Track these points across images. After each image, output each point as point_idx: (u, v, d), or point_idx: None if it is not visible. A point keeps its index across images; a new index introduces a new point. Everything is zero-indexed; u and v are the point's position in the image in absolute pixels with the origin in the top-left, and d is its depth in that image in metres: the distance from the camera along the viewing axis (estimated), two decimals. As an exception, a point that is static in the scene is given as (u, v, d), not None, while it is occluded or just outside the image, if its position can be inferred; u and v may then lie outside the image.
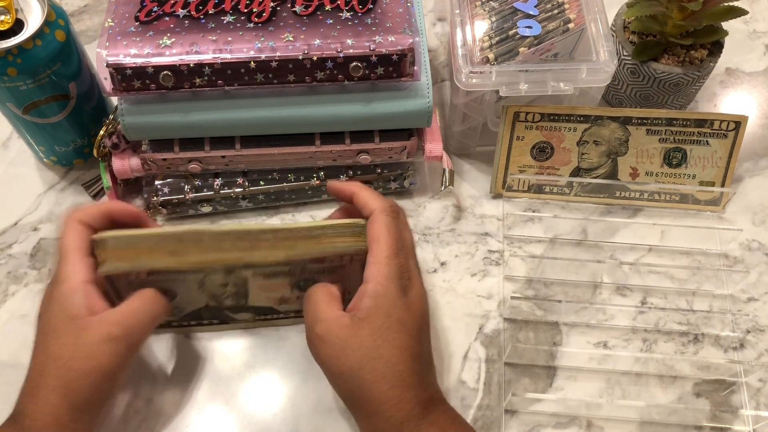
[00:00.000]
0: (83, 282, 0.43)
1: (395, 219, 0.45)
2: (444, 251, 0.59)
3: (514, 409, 0.51)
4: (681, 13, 0.57)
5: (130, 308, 0.44)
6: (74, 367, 0.42)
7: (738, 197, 0.62)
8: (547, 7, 0.57)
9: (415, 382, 0.42)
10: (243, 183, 0.58)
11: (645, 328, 0.55)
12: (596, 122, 0.58)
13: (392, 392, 0.42)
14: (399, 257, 0.44)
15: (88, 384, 0.42)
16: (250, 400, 0.51)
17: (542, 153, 0.60)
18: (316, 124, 0.54)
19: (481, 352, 0.54)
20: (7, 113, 0.55)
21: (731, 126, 0.58)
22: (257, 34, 0.50)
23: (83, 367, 0.42)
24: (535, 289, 0.57)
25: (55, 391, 0.42)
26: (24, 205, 0.61)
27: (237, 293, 0.48)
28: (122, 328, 0.43)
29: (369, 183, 0.59)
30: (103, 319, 0.43)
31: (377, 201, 0.46)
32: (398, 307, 0.43)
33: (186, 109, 0.52)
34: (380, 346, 0.42)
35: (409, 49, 0.50)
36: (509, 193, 0.61)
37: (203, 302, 0.49)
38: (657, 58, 0.60)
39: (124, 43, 0.49)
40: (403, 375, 0.42)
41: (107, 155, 0.56)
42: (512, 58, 0.55)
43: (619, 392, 0.53)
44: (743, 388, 0.53)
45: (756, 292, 0.57)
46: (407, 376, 0.42)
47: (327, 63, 0.50)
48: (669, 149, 0.60)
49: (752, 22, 0.74)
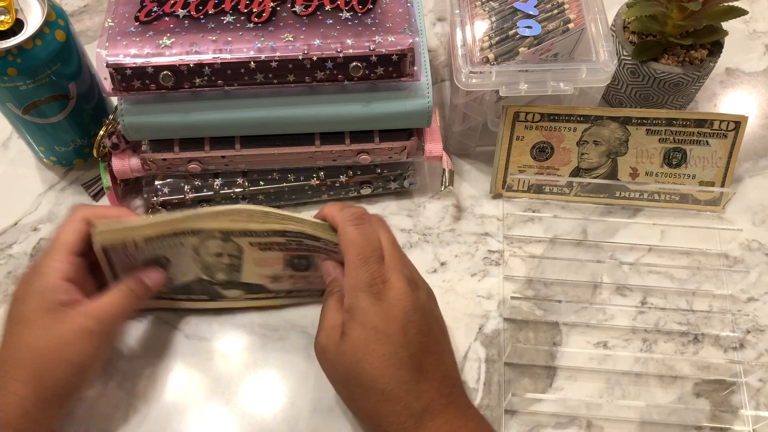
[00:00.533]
0: (63, 280, 0.44)
1: (360, 226, 0.45)
2: (444, 251, 0.59)
3: (514, 409, 0.51)
4: (681, 13, 0.57)
5: (107, 302, 0.45)
6: (47, 358, 0.42)
7: (738, 197, 0.62)
8: (547, 7, 0.57)
9: (402, 393, 0.41)
10: (243, 183, 0.58)
11: (645, 328, 0.55)
12: (596, 122, 0.58)
13: (381, 406, 0.41)
14: (367, 265, 0.43)
15: (60, 375, 0.42)
16: (250, 400, 0.51)
17: (542, 153, 0.60)
18: (316, 124, 0.54)
19: (481, 352, 0.54)
20: (7, 113, 0.55)
21: (731, 126, 0.58)
22: (257, 34, 0.50)
23: (56, 358, 0.42)
24: (535, 289, 0.57)
25: (26, 382, 0.42)
26: (24, 205, 0.61)
27: (231, 266, 0.49)
28: (97, 322, 0.44)
29: (369, 183, 0.59)
30: (79, 312, 0.43)
31: (340, 214, 0.45)
32: (372, 315, 0.42)
33: (186, 109, 0.52)
34: (361, 360, 0.41)
35: (409, 49, 0.50)
36: (509, 193, 0.61)
37: (196, 274, 0.49)
38: (657, 58, 0.60)
39: (124, 43, 0.49)
40: (387, 388, 0.41)
41: (107, 155, 0.56)
42: (512, 58, 0.55)
43: (619, 392, 0.53)
44: (743, 388, 0.53)
45: (756, 292, 0.57)
46: (393, 388, 0.41)
47: (327, 63, 0.50)
48: (669, 149, 0.60)
49: (752, 22, 0.74)
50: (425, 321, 0.44)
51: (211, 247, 0.47)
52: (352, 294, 0.43)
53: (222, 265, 0.49)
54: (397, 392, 0.41)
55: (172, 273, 0.49)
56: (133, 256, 0.47)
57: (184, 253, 0.47)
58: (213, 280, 0.50)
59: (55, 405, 0.43)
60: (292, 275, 0.50)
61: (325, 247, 0.47)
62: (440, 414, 0.41)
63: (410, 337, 0.42)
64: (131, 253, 0.47)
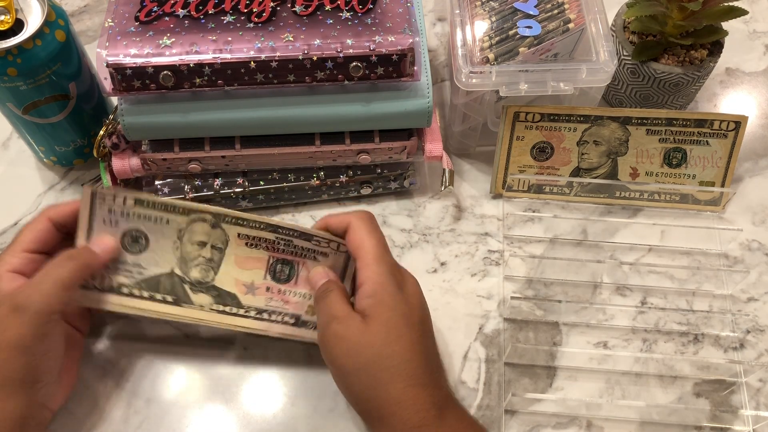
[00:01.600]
0: (8, 272, 0.44)
1: (374, 223, 0.47)
2: (444, 251, 0.59)
3: (514, 409, 0.51)
4: (681, 13, 0.57)
5: (37, 277, 0.44)
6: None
7: (738, 197, 0.62)
8: (547, 7, 0.57)
9: (428, 380, 0.42)
10: (243, 183, 0.58)
11: (645, 328, 0.55)
12: (596, 122, 0.58)
13: (408, 391, 0.41)
14: (387, 255, 0.45)
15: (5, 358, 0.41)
16: (250, 400, 0.51)
17: (542, 153, 0.60)
18: (316, 124, 0.54)
19: (481, 352, 0.54)
20: (7, 113, 0.55)
21: (731, 126, 0.58)
22: (257, 34, 0.50)
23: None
24: (535, 289, 0.57)
25: None
26: (24, 205, 0.61)
27: (209, 261, 0.48)
28: (26, 297, 0.43)
29: (369, 183, 0.59)
30: (9, 292, 0.43)
31: (350, 214, 0.47)
32: (399, 301, 0.43)
33: (186, 109, 0.52)
34: (392, 341, 0.42)
35: (409, 49, 0.50)
36: (509, 193, 0.61)
37: (170, 265, 0.48)
38: (657, 58, 0.60)
39: (124, 43, 0.49)
40: (417, 372, 0.42)
41: (107, 155, 0.56)
42: (512, 58, 0.55)
43: (619, 392, 0.53)
44: (743, 388, 0.53)
45: (756, 292, 0.57)
46: (421, 373, 0.42)
47: (327, 63, 0.50)
48: (669, 149, 0.60)
49: (752, 22, 0.74)
50: (429, 316, 0.46)
51: (197, 231, 0.46)
52: (377, 280, 0.44)
53: (200, 260, 0.48)
54: (425, 379, 0.42)
55: (145, 259, 0.47)
56: (116, 222, 0.46)
57: (167, 235, 0.46)
58: (185, 278, 0.48)
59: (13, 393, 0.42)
60: (269, 287, 0.49)
61: (316, 248, 0.47)
62: (455, 407, 0.43)
63: (426, 330, 0.45)
64: (115, 216, 0.46)
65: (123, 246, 0.47)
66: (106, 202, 0.46)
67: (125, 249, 0.47)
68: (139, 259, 0.47)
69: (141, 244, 0.47)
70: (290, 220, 0.60)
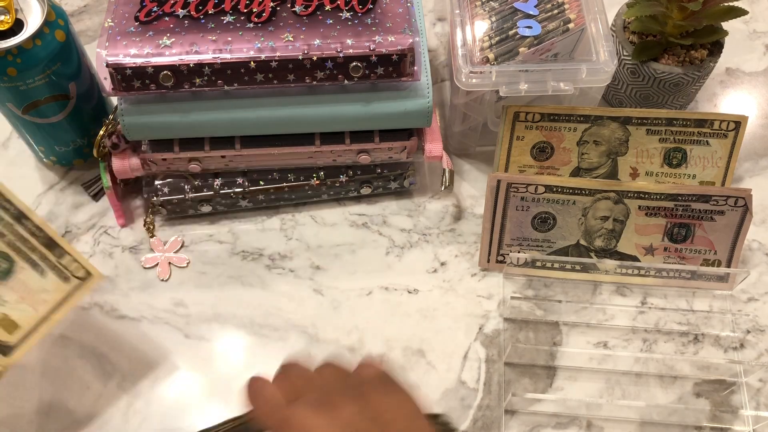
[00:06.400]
0: None
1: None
2: (444, 251, 0.59)
3: (514, 409, 0.51)
4: (681, 13, 0.57)
5: None
6: None
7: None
8: (547, 7, 0.57)
9: None
10: (243, 183, 0.58)
11: (645, 328, 0.55)
12: (596, 122, 0.58)
13: None
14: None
15: None
16: (250, 400, 0.51)
17: (542, 153, 0.60)
18: (316, 124, 0.54)
19: (481, 352, 0.54)
20: (7, 113, 0.55)
21: (731, 126, 0.58)
22: (257, 34, 0.50)
23: None
24: (535, 289, 0.57)
25: None
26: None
27: (611, 232, 0.54)
28: None
29: (369, 183, 0.59)
30: None
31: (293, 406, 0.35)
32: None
33: (186, 109, 0.52)
34: None
35: (409, 49, 0.50)
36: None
37: (576, 238, 0.54)
38: (657, 58, 0.60)
39: (124, 43, 0.49)
40: None
41: (107, 155, 0.56)
42: (512, 58, 0.55)
43: (619, 392, 0.53)
44: (743, 388, 0.53)
45: (756, 292, 0.57)
46: None
47: (327, 63, 0.50)
48: (669, 149, 0.59)
49: (752, 22, 0.74)
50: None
51: (600, 208, 0.53)
52: None
53: (603, 231, 0.54)
54: None
55: (554, 235, 0.55)
56: (527, 207, 0.53)
57: (572, 213, 0.53)
58: (590, 247, 0.54)
59: None
60: (666, 247, 0.54)
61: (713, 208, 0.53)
62: None
63: None
64: (527, 202, 0.53)
65: (533, 226, 0.55)
66: (519, 191, 0.52)
67: (534, 229, 0.55)
68: (548, 235, 0.55)
69: (549, 223, 0.54)
70: (290, 220, 0.60)
